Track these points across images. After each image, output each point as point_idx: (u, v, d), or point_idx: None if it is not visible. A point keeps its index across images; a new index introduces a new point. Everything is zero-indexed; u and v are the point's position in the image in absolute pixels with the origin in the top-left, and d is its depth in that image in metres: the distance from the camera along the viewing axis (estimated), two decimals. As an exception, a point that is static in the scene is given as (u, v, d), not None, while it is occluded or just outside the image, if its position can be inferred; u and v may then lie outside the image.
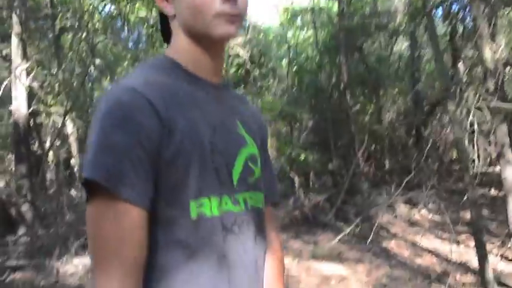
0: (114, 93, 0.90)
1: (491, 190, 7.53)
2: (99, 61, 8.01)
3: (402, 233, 6.81)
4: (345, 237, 6.59)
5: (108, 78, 10.97)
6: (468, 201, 5.15)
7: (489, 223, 6.63)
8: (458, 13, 7.20)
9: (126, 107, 0.87)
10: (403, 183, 6.29)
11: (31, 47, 7.53)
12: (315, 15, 9.06)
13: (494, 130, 4.99)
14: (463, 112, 5.87)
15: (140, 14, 8.31)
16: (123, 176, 0.85)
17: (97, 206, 0.87)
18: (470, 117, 5.53)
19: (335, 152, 8.25)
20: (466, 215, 6.73)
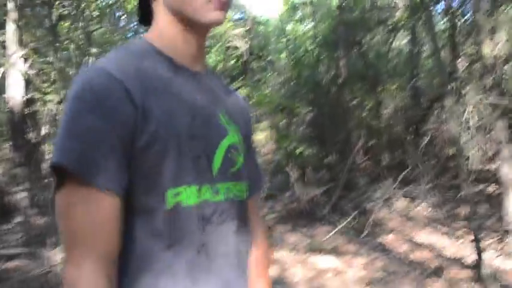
0: (86, 76, 0.85)
1: (489, 187, 7.53)
2: (96, 50, 7.94)
3: (399, 228, 6.82)
4: (341, 230, 6.60)
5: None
6: (464, 196, 5.17)
7: (486, 219, 6.64)
8: (458, 9, 7.18)
9: (99, 90, 0.83)
10: (399, 178, 6.30)
11: (27, 34, 7.46)
12: (314, 9, 9.03)
13: (492, 127, 4.99)
14: (461, 108, 5.86)
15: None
16: (94, 162, 0.81)
17: (67, 193, 0.83)
18: (465, 114, 5.52)
19: (332, 146, 8.24)
20: (463, 210, 6.75)
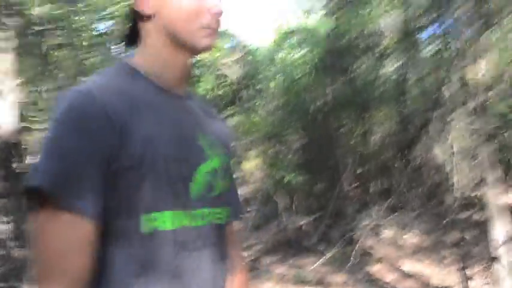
0: (68, 98, 0.87)
1: (476, 213, 7.46)
2: (87, 79, 8.03)
3: (387, 256, 6.72)
4: (329, 260, 6.50)
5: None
6: (451, 224, 5.10)
7: (474, 246, 6.54)
8: (444, 35, 7.28)
9: (79, 113, 0.83)
10: (387, 205, 6.23)
11: (20, 63, 7.55)
12: (303, 37, 9.15)
13: (477, 152, 4.97)
14: (447, 135, 5.85)
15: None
16: (70, 184, 0.81)
17: (42, 216, 0.83)
18: (450, 139, 5.51)
19: (321, 174, 8.19)
20: (450, 238, 6.66)
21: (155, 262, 0.88)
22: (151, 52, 0.98)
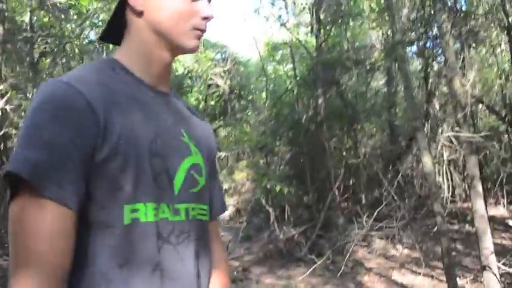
0: (48, 88, 0.85)
1: (466, 225, 7.53)
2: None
3: (376, 267, 6.72)
4: (319, 271, 6.48)
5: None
6: (440, 235, 5.13)
7: (463, 258, 6.58)
8: (432, 49, 7.42)
9: (60, 102, 0.82)
10: (376, 216, 6.26)
11: (8, 70, 7.46)
12: (293, 49, 9.24)
13: (465, 162, 5.04)
14: (435, 145, 5.93)
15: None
16: (50, 172, 0.78)
17: (20, 204, 0.80)
18: (439, 148, 5.58)
19: (311, 185, 8.21)
20: (440, 249, 6.70)
21: (137, 253, 0.86)
22: (137, 48, 0.98)
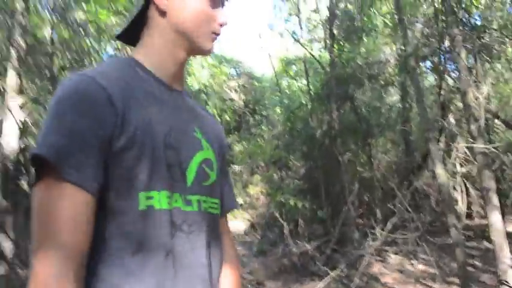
0: (71, 81, 0.91)
1: (484, 242, 7.40)
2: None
3: (392, 282, 6.63)
4: (333, 285, 6.41)
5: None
6: (453, 247, 5.08)
7: (481, 274, 6.46)
8: (445, 64, 7.43)
9: (82, 93, 0.88)
10: (390, 231, 6.20)
11: (28, 83, 7.61)
12: (307, 64, 9.31)
13: (480, 176, 4.99)
14: (449, 158, 5.89)
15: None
16: (72, 157, 0.84)
17: (43, 186, 0.86)
18: (451, 161, 5.55)
19: (326, 199, 8.18)
20: (456, 265, 6.59)
21: (152, 239, 0.90)
22: (156, 47, 1.04)
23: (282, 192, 7.89)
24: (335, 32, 8.79)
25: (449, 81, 7.67)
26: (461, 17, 6.12)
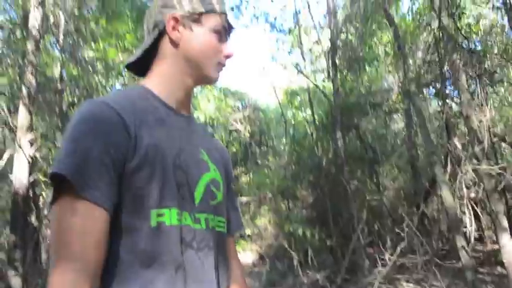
0: (87, 106, 0.99)
1: (498, 267, 7.25)
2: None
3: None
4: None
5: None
6: (468, 279, 5.00)
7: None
8: (445, 90, 7.50)
9: (98, 117, 0.95)
10: (396, 252, 6.12)
11: (38, 120, 7.76)
12: (311, 95, 9.42)
13: (488, 198, 4.97)
14: (457, 182, 5.87)
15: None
16: (89, 177, 0.91)
17: (61, 204, 0.92)
18: (457, 184, 5.53)
19: (334, 228, 8.12)
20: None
21: (163, 254, 0.94)
22: (167, 75, 1.12)
23: (290, 222, 7.84)
24: (337, 62, 8.94)
25: (453, 106, 7.72)
26: (461, 43, 6.23)
